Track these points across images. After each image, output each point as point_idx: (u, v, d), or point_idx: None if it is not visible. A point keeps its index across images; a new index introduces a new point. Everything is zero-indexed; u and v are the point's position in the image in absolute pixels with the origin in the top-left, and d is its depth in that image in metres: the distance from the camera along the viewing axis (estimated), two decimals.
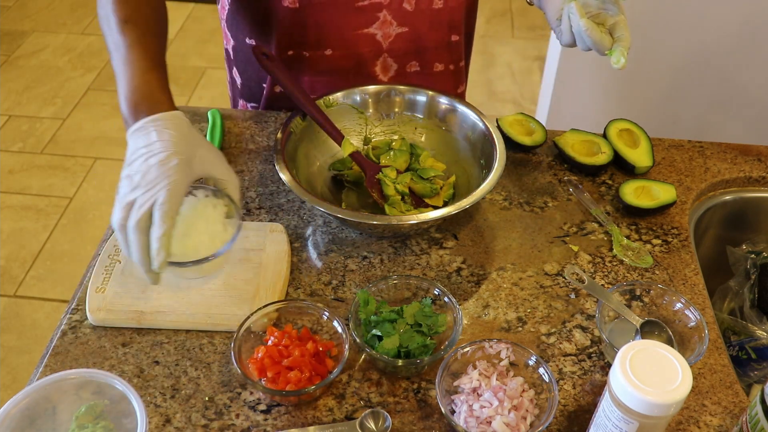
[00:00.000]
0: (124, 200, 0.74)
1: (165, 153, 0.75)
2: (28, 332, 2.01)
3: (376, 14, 1.03)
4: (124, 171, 0.76)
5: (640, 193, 1.01)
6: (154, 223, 0.73)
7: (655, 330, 0.80)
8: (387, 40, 1.06)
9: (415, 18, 1.05)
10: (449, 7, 1.06)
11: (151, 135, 0.77)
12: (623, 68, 0.86)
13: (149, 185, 0.74)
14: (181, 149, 0.76)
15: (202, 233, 0.81)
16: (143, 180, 0.74)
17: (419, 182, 0.99)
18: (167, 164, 0.75)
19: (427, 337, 0.79)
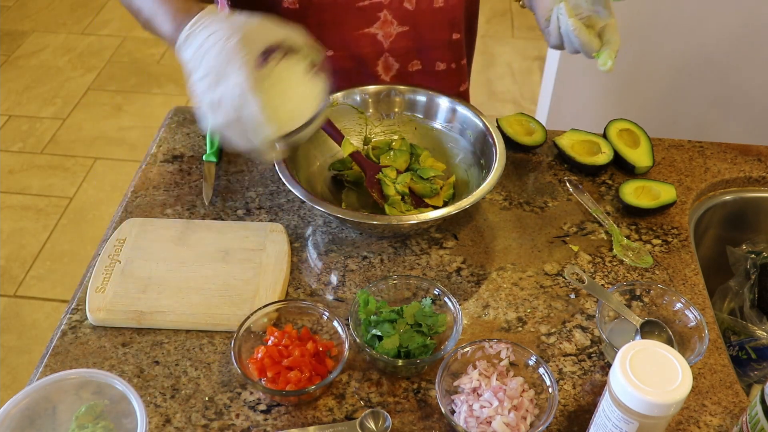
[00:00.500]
0: (212, 103, 0.75)
1: (221, 41, 0.75)
2: (28, 332, 2.01)
3: (377, 14, 1.03)
4: (192, 79, 0.77)
5: (640, 193, 1.01)
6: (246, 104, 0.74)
7: (655, 330, 0.80)
8: (388, 39, 1.06)
9: (415, 17, 1.05)
10: (450, 6, 1.06)
11: (198, 36, 0.77)
12: (610, 71, 0.87)
13: (222, 77, 0.74)
14: (233, 30, 0.76)
15: (297, 97, 0.81)
16: (215, 76, 0.74)
17: (419, 182, 0.99)
18: (227, 48, 0.74)
19: (427, 337, 0.79)
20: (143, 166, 1.07)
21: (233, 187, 1.03)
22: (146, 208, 0.99)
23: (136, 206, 0.99)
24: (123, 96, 2.96)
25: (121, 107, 2.90)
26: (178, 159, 1.07)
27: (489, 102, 2.93)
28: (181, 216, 0.98)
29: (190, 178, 1.04)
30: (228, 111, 0.74)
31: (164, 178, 1.04)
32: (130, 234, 0.93)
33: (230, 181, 1.04)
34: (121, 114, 2.87)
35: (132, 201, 1.00)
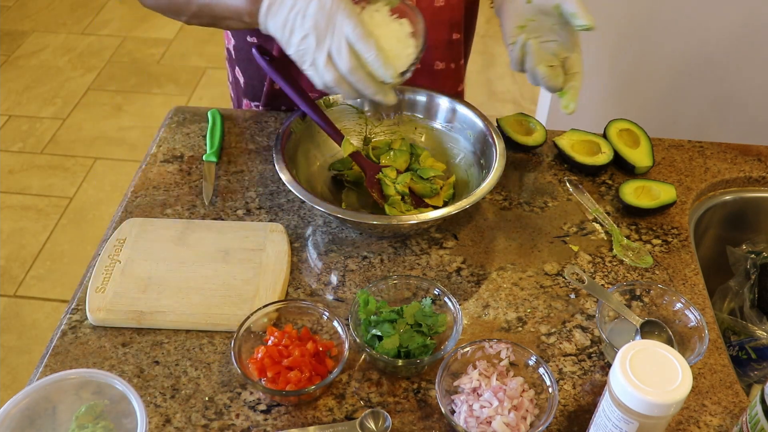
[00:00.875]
0: (319, 61, 0.78)
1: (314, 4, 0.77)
2: (28, 332, 2.01)
3: None
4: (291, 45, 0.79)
5: (640, 193, 1.01)
6: (364, 50, 0.77)
7: (655, 330, 0.80)
8: None
9: None
10: (450, 6, 1.06)
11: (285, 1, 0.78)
12: (572, 113, 0.90)
13: (329, 31, 0.77)
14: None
15: (392, 40, 0.83)
16: (319, 32, 0.77)
17: (419, 182, 0.99)
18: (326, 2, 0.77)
19: (427, 337, 0.79)
20: (143, 166, 1.07)
21: (233, 187, 1.03)
22: (146, 208, 0.99)
23: (136, 206, 0.99)
24: (123, 96, 2.96)
25: (121, 107, 2.91)
26: (178, 159, 1.08)
27: (489, 102, 2.93)
28: (181, 216, 0.98)
29: (190, 178, 1.04)
30: (346, 60, 0.77)
31: (164, 178, 1.04)
32: (130, 234, 0.93)
33: (230, 181, 1.04)
34: (121, 114, 2.87)
35: (132, 201, 1.00)
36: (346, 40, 0.77)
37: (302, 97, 0.98)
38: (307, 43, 0.78)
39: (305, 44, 0.78)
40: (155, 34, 3.35)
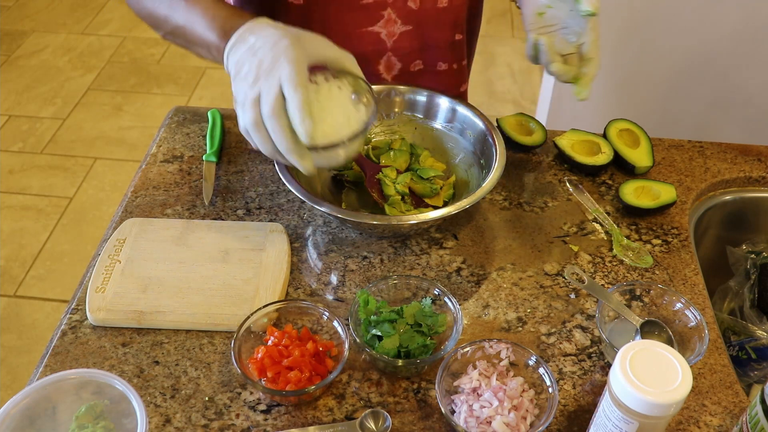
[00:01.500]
0: (247, 99, 0.74)
1: (272, 41, 0.74)
2: (28, 332, 2.01)
3: (381, 12, 1.03)
4: (235, 81, 0.76)
5: (640, 193, 1.01)
6: (289, 97, 0.72)
7: (655, 330, 0.80)
8: (391, 38, 1.06)
9: (419, 16, 1.05)
10: (453, 6, 1.06)
11: (249, 39, 0.77)
12: (585, 100, 0.91)
13: (267, 72, 0.73)
14: (287, 34, 0.76)
15: (338, 116, 0.79)
16: (259, 71, 0.73)
17: (419, 182, 0.99)
18: (279, 46, 0.74)
19: (427, 337, 0.79)
20: (143, 166, 1.07)
21: (233, 187, 1.03)
22: (146, 208, 0.99)
23: (136, 206, 0.99)
24: (123, 96, 2.96)
25: (121, 107, 2.91)
26: (178, 159, 1.08)
27: (489, 102, 2.93)
28: (181, 216, 0.98)
29: (190, 178, 1.04)
30: (270, 102, 0.72)
31: (164, 178, 1.04)
32: (130, 234, 0.93)
33: (230, 181, 1.04)
34: (121, 114, 2.87)
35: (132, 201, 1.00)
36: (279, 84, 0.72)
37: None
38: (246, 79, 0.74)
39: (244, 80, 0.75)
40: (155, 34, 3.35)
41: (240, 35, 0.78)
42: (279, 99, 0.72)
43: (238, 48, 0.78)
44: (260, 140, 0.75)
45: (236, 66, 0.77)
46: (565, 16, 0.92)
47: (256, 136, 0.75)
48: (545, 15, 0.93)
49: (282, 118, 0.73)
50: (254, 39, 0.76)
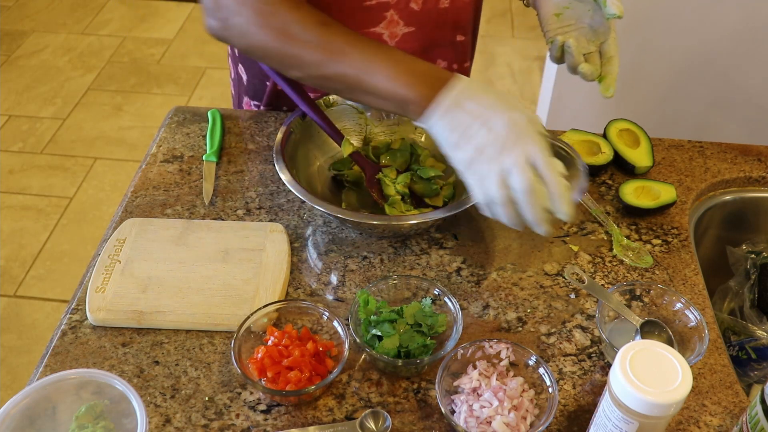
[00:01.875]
0: (491, 175, 0.73)
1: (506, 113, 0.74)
2: (28, 332, 2.01)
3: (383, 14, 1.03)
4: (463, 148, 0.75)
5: (640, 193, 1.01)
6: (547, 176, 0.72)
7: (655, 330, 0.80)
8: (393, 39, 1.06)
9: (421, 17, 1.05)
10: (455, 7, 1.06)
11: (467, 105, 0.75)
12: (611, 97, 0.91)
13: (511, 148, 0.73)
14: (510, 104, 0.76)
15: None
16: (503, 145, 0.73)
17: (419, 182, 0.99)
18: (519, 122, 0.74)
19: (427, 337, 0.79)
20: (143, 166, 1.07)
21: (233, 187, 1.03)
22: (146, 208, 0.99)
23: (136, 206, 0.99)
24: (123, 96, 2.96)
25: (121, 107, 2.91)
26: (178, 159, 1.08)
27: None
28: (181, 216, 0.98)
29: (190, 178, 1.04)
30: (527, 179, 0.72)
31: (164, 178, 1.04)
32: (130, 234, 0.93)
33: (230, 181, 1.04)
34: (121, 114, 2.87)
35: (132, 201, 1.00)
36: (528, 161, 0.73)
37: (302, 97, 0.98)
38: (483, 153, 0.74)
39: (480, 154, 0.74)
40: (155, 34, 3.35)
41: (455, 100, 0.76)
42: (534, 177, 0.72)
43: (456, 114, 0.76)
44: (508, 214, 0.75)
45: (456, 133, 0.76)
46: (582, 15, 0.93)
47: (506, 211, 0.75)
48: (562, 15, 0.94)
49: (541, 194, 0.73)
50: (474, 106, 0.75)
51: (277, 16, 0.83)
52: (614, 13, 0.88)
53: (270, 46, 0.83)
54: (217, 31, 0.87)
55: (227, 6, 0.84)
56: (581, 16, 0.93)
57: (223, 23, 0.86)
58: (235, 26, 0.84)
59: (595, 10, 0.92)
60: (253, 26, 0.83)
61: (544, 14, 0.96)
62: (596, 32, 0.93)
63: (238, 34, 0.85)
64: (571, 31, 0.94)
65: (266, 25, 0.83)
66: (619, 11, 0.87)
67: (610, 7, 0.88)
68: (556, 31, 0.94)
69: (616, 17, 0.88)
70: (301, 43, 0.82)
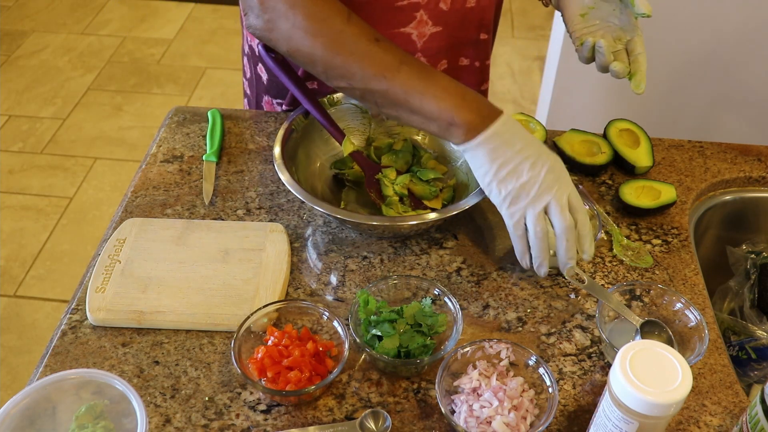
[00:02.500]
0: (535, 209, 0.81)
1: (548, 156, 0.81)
2: (28, 332, 2.01)
3: (413, 14, 1.02)
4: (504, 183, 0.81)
5: (640, 193, 1.01)
6: (580, 220, 0.82)
7: (655, 330, 0.80)
8: (421, 39, 1.05)
9: (448, 17, 1.04)
10: (481, 7, 1.06)
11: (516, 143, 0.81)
12: (642, 93, 0.93)
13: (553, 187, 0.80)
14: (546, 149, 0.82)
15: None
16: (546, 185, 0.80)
17: (419, 184, 0.99)
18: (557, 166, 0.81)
19: (427, 337, 0.79)
20: (143, 166, 1.07)
21: (233, 187, 1.03)
22: (146, 208, 0.99)
23: (136, 206, 0.99)
24: (123, 96, 2.96)
25: (121, 107, 2.91)
26: (178, 159, 1.08)
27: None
28: (181, 216, 0.98)
29: (190, 178, 1.04)
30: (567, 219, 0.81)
31: (164, 178, 1.04)
32: (130, 234, 0.93)
33: (230, 181, 1.04)
34: (121, 114, 2.87)
35: (132, 201, 1.00)
36: (566, 203, 0.81)
37: (305, 94, 0.98)
38: (526, 190, 0.80)
39: (522, 190, 0.80)
40: (155, 34, 3.36)
41: (501, 133, 0.81)
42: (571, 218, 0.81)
43: (501, 147, 0.80)
44: (540, 249, 0.83)
45: (498, 164, 0.81)
46: (608, 15, 0.94)
47: (539, 245, 0.83)
48: (587, 15, 0.95)
49: (572, 231, 0.82)
50: (520, 144, 0.81)
51: (329, 24, 0.83)
52: (643, 12, 0.89)
53: (318, 53, 0.84)
54: (261, 32, 0.87)
55: (275, 8, 0.83)
56: (607, 16, 0.94)
57: (268, 24, 0.85)
58: (282, 30, 0.84)
59: (621, 9, 0.93)
60: (301, 31, 0.83)
61: (569, 15, 0.97)
62: (622, 31, 0.94)
63: (283, 37, 0.85)
64: (597, 31, 0.95)
65: (318, 32, 0.83)
66: (648, 10, 0.89)
67: (639, 6, 0.90)
68: (583, 32, 0.96)
69: (645, 16, 0.90)
70: (352, 55, 0.83)
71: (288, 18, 0.83)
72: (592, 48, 0.95)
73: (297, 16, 0.83)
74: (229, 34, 3.38)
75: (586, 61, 0.97)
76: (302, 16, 0.83)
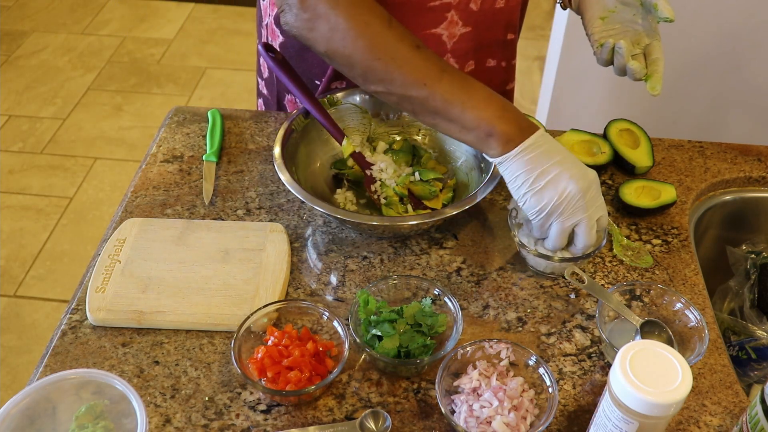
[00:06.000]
0: (562, 229, 0.83)
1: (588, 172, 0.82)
2: (28, 332, 2.01)
3: (445, 14, 1.02)
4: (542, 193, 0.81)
5: (640, 193, 1.01)
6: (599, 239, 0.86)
7: (655, 330, 0.80)
8: (452, 40, 1.05)
9: (478, 18, 1.04)
10: (509, 7, 1.06)
11: (554, 156, 0.81)
12: (658, 95, 0.94)
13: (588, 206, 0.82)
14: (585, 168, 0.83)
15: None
16: (585, 203, 0.81)
17: (418, 184, 0.99)
18: (594, 184, 0.82)
19: (427, 337, 0.79)
20: (143, 166, 1.07)
21: (233, 187, 1.03)
22: (146, 208, 0.99)
23: (136, 206, 0.99)
24: (123, 96, 2.96)
25: (121, 107, 2.91)
26: (178, 159, 1.08)
27: None
28: (181, 216, 0.98)
29: (190, 178, 1.04)
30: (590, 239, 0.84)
31: (164, 178, 1.04)
32: (130, 234, 0.93)
33: (230, 181, 1.04)
34: (121, 114, 2.87)
35: (132, 201, 1.00)
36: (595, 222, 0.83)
37: (306, 94, 0.97)
38: (562, 205, 0.81)
39: (559, 206, 0.81)
40: (155, 34, 3.35)
41: (540, 145, 0.81)
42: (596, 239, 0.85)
43: (540, 158, 0.81)
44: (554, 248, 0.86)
45: (539, 177, 0.81)
46: (627, 19, 0.94)
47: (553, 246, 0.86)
48: (608, 19, 0.96)
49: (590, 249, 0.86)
50: (561, 157, 0.82)
51: (371, 28, 0.83)
52: (667, 17, 0.90)
53: (357, 56, 0.83)
54: (299, 30, 0.86)
55: (316, 8, 0.83)
56: (627, 20, 0.94)
57: (308, 24, 0.84)
58: (322, 30, 0.83)
59: (642, 13, 0.94)
60: (341, 33, 0.82)
61: (589, 18, 0.97)
62: (642, 35, 0.94)
63: (323, 38, 0.84)
64: (617, 34, 0.95)
65: (360, 36, 0.82)
66: (671, 15, 0.90)
67: (662, 11, 0.90)
68: (602, 34, 0.96)
69: (669, 20, 0.90)
70: (394, 60, 0.82)
71: (329, 19, 0.82)
72: (611, 50, 0.95)
73: (338, 18, 0.82)
74: (229, 34, 3.38)
75: (605, 63, 0.98)
76: (344, 18, 0.82)
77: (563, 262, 0.86)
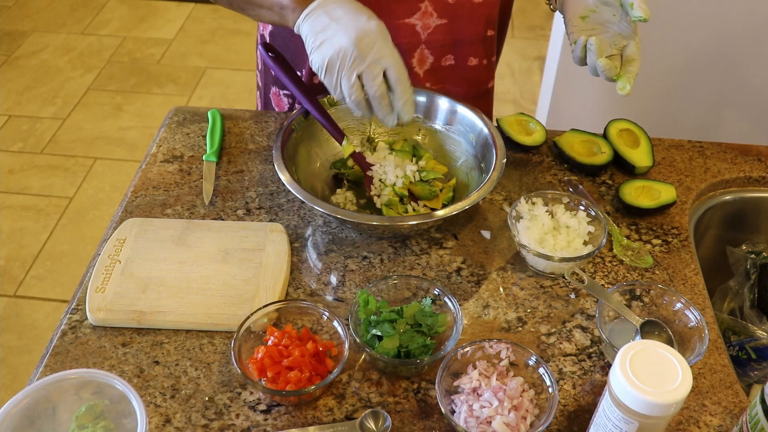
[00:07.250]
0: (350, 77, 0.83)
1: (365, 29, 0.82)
2: (28, 332, 2.01)
3: (418, 4, 1.03)
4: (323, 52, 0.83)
5: (640, 193, 1.01)
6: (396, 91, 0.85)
7: (655, 330, 0.80)
8: (426, 31, 1.05)
9: (454, 10, 1.05)
10: (488, 2, 1.06)
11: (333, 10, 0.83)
12: (628, 95, 0.93)
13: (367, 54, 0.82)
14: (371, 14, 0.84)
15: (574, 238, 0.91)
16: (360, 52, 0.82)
17: (418, 184, 0.99)
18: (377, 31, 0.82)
19: (427, 337, 0.79)
20: (143, 166, 1.07)
21: (233, 187, 1.03)
22: (146, 208, 0.99)
23: (136, 206, 0.99)
24: (123, 96, 2.96)
25: (121, 107, 2.90)
26: (178, 159, 1.08)
27: None
28: (181, 216, 0.98)
29: (190, 178, 1.04)
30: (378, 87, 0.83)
31: (164, 178, 1.04)
32: (130, 234, 0.93)
33: (230, 181, 1.04)
34: (121, 114, 2.87)
35: (132, 201, 1.00)
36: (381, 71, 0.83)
37: (305, 94, 0.98)
38: (340, 57, 0.82)
39: (337, 58, 0.82)
40: (155, 34, 3.35)
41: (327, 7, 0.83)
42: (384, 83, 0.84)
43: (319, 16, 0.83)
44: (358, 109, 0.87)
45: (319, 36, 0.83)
46: (608, 20, 0.94)
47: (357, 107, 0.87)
48: (588, 18, 0.95)
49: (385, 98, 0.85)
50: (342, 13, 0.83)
51: None
52: (640, 16, 0.89)
53: None
54: None
55: None
56: (606, 20, 0.94)
57: None
58: None
59: (621, 15, 0.94)
60: None
61: (570, 17, 0.97)
62: (620, 36, 0.94)
63: None
64: (595, 34, 0.95)
65: None
66: (646, 14, 0.89)
67: (636, 10, 0.90)
68: (581, 33, 0.95)
69: (642, 20, 0.89)
70: None
71: None
72: (584, 47, 0.95)
73: None
74: (229, 34, 3.38)
75: (580, 62, 0.97)
76: None
77: (563, 262, 0.86)
